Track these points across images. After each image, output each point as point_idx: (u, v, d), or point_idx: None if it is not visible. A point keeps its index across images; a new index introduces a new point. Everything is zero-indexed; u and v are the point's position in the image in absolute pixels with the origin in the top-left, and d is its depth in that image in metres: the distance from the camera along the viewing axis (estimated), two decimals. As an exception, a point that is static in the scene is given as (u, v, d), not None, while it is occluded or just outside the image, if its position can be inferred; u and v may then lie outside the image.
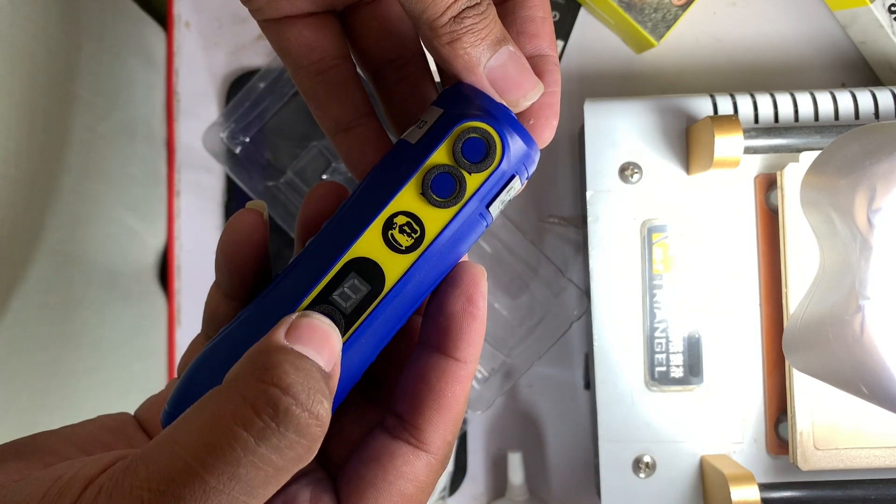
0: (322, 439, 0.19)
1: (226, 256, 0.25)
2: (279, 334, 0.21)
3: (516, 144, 0.24)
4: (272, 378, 0.19)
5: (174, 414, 0.22)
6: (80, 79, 0.46)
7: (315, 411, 0.19)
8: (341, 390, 0.24)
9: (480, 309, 0.24)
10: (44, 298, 0.42)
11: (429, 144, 0.24)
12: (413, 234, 0.24)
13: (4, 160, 0.36)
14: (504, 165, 0.24)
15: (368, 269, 0.23)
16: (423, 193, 0.24)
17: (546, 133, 0.26)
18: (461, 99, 0.24)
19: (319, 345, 0.21)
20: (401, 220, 0.24)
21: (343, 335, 0.23)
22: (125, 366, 0.52)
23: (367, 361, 0.24)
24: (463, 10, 0.23)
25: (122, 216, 0.51)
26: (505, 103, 0.24)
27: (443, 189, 0.24)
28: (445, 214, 0.24)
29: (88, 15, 0.47)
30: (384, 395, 0.27)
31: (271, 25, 0.27)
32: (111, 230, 0.50)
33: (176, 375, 0.27)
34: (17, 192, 0.38)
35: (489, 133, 0.24)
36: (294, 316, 0.22)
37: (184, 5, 0.55)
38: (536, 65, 0.26)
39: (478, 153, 0.24)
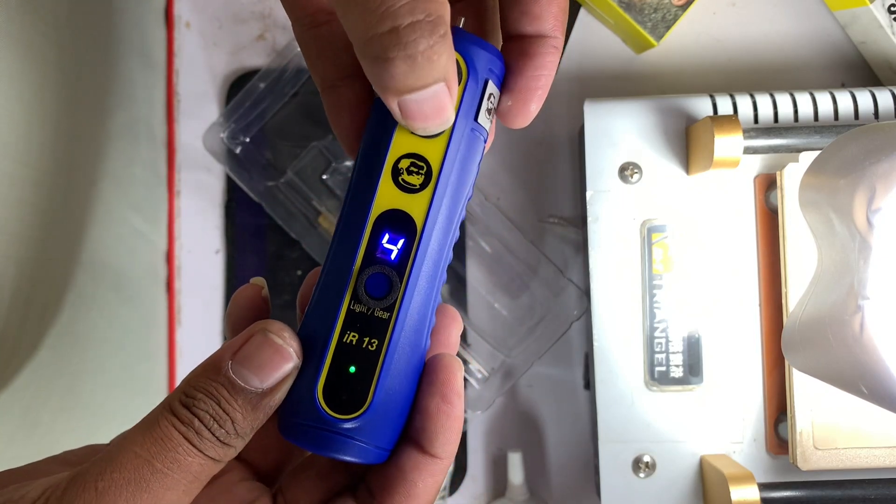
0: (236, 446, 0.23)
1: (233, 330, 0.28)
2: (224, 354, 0.23)
3: (477, 55, 0.25)
4: (186, 399, 0.23)
5: None
6: (88, 78, 0.46)
7: (216, 434, 0.22)
8: (419, 334, 0.25)
9: (455, 407, 0.25)
10: (50, 298, 0.42)
11: None
12: (421, 171, 0.25)
13: (13, 159, 0.36)
14: (472, 78, 0.25)
15: (397, 219, 0.25)
16: (414, 132, 0.25)
17: (520, 118, 0.26)
18: None
19: (259, 365, 0.23)
20: (404, 163, 0.25)
21: (400, 285, 0.24)
22: (130, 367, 0.52)
23: (431, 302, 0.25)
24: (392, 57, 0.20)
25: (129, 217, 0.52)
26: (403, 125, 0.23)
27: None
28: (441, 141, 0.25)
29: (96, 13, 0.47)
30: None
31: None
32: (119, 231, 0.50)
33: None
34: (25, 191, 0.38)
35: None
36: (256, 328, 0.24)
37: (184, 5, 0.55)
38: (531, 45, 0.25)
39: None
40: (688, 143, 0.45)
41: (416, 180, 0.25)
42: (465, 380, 0.52)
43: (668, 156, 0.45)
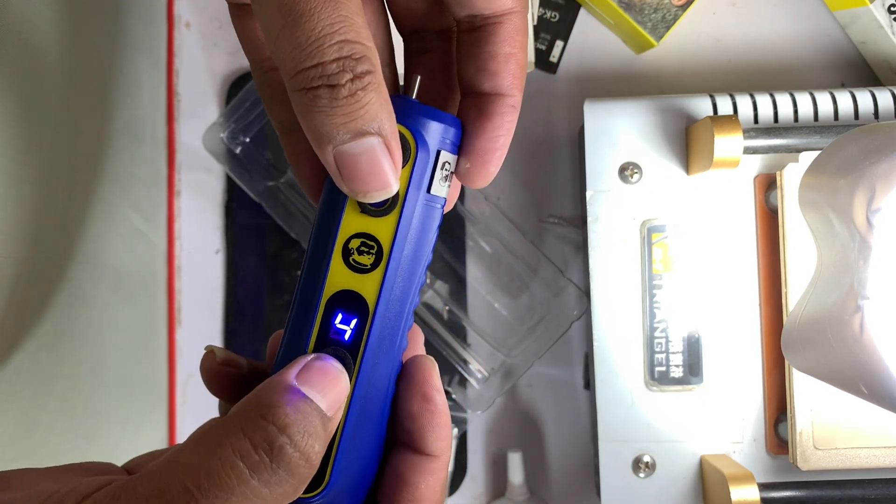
0: (310, 479, 0.21)
1: (213, 392, 0.27)
2: (290, 374, 0.22)
3: (427, 127, 0.24)
4: (272, 416, 0.20)
5: None
6: (89, 77, 0.46)
7: (306, 453, 0.20)
8: (379, 403, 0.25)
9: (438, 404, 0.25)
10: (50, 297, 0.42)
11: None
12: (371, 251, 0.24)
13: (11, 157, 0.36)
14: (421, 152, 0.24)
15: (349, 299, 0.24)
16: (364, 211, 0.24)
17: (479, 180, 0.25)
18: None
19: (325, 388, 0.22)
20: (354, 243, 0.24)
21: (354, 364, 0.24)
22: (130, 367, 0.52)
23: (388, 382, 0.25)
24: (317, 86, 0.20)
25: (130, 216, 0.52)
26: (344, 190, 0.23)
27: None
28: (391, 220, 0.24)
29: (98, 12, 0.47)
30: None
31: (235, 12, 0.26)
32: (119, 231, 0.50)
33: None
34: (24, 190, 0.38)
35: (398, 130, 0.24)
36: (309, 357, 0.23)
37: (184, 5, 0.55)
38: (488, 104, 0.25)
39: None
40: (688, 143, 0.45)
41: (366, 260, 0.24)
42: (465, 380, 0.52)
43: (668, 156, 0.45)
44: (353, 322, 0.24)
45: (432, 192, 0.25)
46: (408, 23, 0.27)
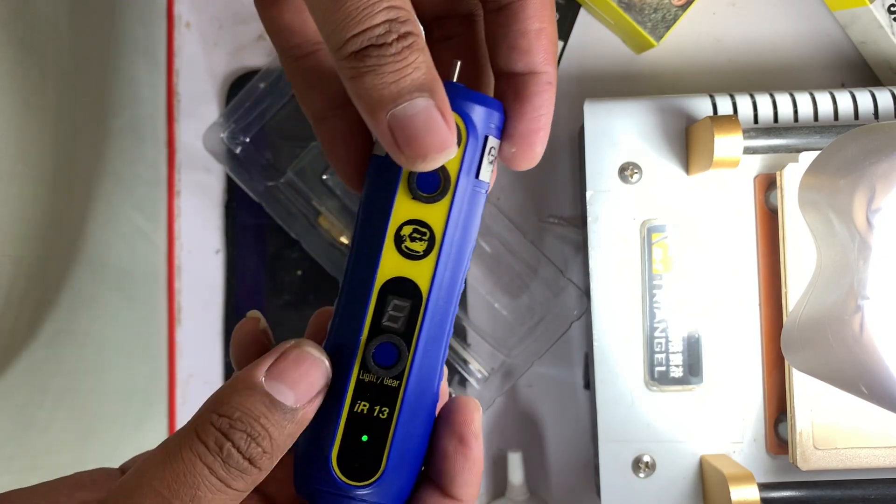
0: (266, 469, 0.22)
1: (239, 364, 0.27)
2: (258, 369, 0.22)
3: (475, 112, 0.24)
4: (219, 419, 0.21)
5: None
6: (89, 77, 0.46)
7: (249, 454, 0.21)
8: (429, 395, 0.25)
9: (473, 449, 0.24)
10: (50, 296, 0.42)
11: None
12: (424, 238, 0.24)
13: (11, 156, 0.36)
14: (472, 138, 0.24)
15: (402, 286, 0.24)
16: (415, 197, 0.24)
17: (525, 162, 0.25)
18: None
19: (294, 380, 0.22)
20: (407, 229, 0.24)
21: (409, 351, 0.24)
22: (129, 366, 0.52)
23: (438, 367, 0.25)
24: (367, 46, 0.20)
25: (131, 216, 0.52)
26: (402, 161, 0.22)
27: (429, 184, 0.24)
28: (443, 206, 0.24)
29: (97, 12, 0.47)
30: None
31: (262, 2, 0.26)
32: (120, 230, 0.50)
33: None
34: (24, 189, 0.38)
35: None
36: (288, 344, 0.23)
37: (184, 5, 0.55)
38: (525, 84, 0.25)
39: None
40: (688, 143, 0.45)
41: (419, 247, 0.24)
42: (465, 380, 0.52)
43: (668, 156, 0.45)
44: (407, 309, 0.24)
45: (480, 177, 0.25)
46: (430, 10, 0.27)
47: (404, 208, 0.24)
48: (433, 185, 0.24)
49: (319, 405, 0.23)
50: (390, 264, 0.24)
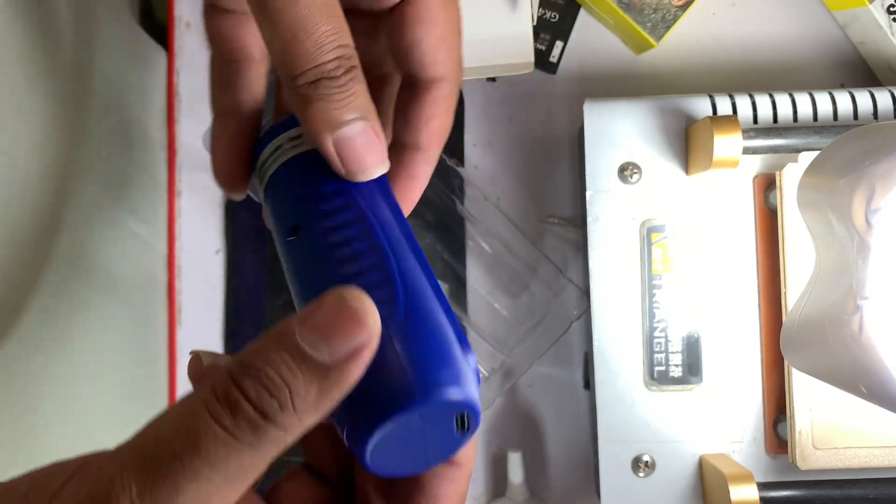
0: (286, 427, 0.19)
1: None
2: (293, 321, 0.20)
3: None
4: (237, 366, 0.20)
5: None
6: (88, 77, 0.46)
7: (261, 406, 0.19)
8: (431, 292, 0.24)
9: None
10: (45, 301, 0.42)
11: None
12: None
13: (9, 160, 0.36)
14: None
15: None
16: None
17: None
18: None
19: (328, 331, 0.20)
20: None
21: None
22: (129, 370, 0.52)
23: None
24: (319, 78, 0.24)
25: (126, 220, 0.51)
26: (344, 173, 0.26)
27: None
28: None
29: (96, 12, 0.47)
30: None
31: (211, 12, 0.30)
32: (115, 234, 0.50)
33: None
34: (13, 192, 0.38)
35: None
36: (329, 293, 0.21)
37: (184, 5, 0.55)
38: (405, 154, 0.28)
39: None
40: (687, 144, 0.45)
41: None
42: (465, 380, 0.52)
43: (668, 156, 0.45)
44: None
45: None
46: (362, 59, 0.29)
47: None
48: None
49: (363, 369, 0.21)
50: None
